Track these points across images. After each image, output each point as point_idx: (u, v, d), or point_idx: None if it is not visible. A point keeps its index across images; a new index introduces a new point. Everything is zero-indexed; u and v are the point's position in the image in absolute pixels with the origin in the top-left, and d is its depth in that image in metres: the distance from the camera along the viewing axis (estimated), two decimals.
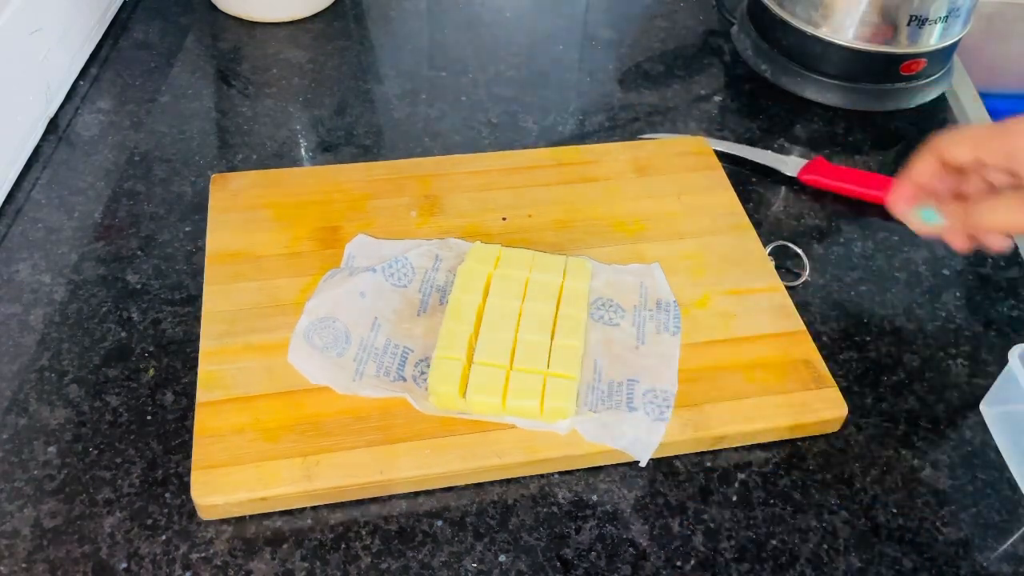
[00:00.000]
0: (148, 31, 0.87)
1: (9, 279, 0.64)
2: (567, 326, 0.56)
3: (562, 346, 0.55)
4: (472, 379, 0.53)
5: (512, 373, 0.53)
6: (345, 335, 0.57)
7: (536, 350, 0.55)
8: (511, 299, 0.57)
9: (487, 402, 0.53)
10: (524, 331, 0.56)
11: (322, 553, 0.51)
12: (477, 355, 0.54)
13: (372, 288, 0.59)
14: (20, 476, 0.53)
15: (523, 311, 0.57)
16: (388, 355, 0.56)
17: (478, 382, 0.53)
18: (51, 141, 0.74)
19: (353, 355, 0.56)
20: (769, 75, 0.84)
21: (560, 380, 0.54)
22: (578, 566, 0.51)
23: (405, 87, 0.82)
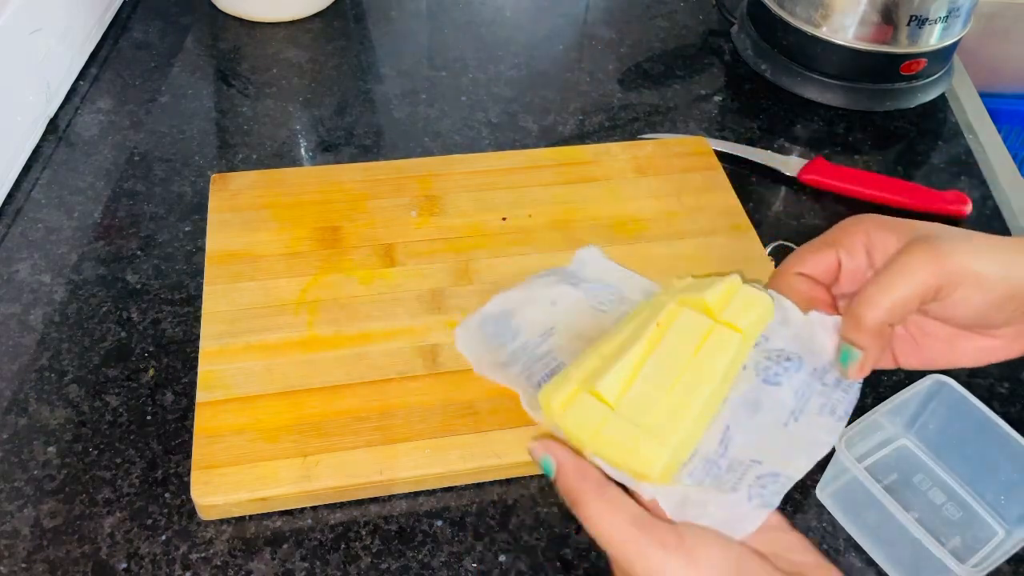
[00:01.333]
0: (148, 31, 0.87)
1: (9, 279, 0.64)
2: (697, 377, 0.43)
3: (678, 403, 0.42)
4: (574, 405, 0.44)
5: (611, 416, 0.43)
6: (514, 333, 0.53)
7: (649, 399, 0.42)
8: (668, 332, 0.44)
9: (576, 434, 0.44)
10: (648, 371, 0.43)
11: (322, 553, 0.51)
12: (592, 381, 0.44)
13: (569, 303, 0.53)
14: (20, 476, 0.53)
15: (658, 345, 0.44)
16: (541, 363, 0.50)
17: (576, 412, 0.44)
18: (51, 141, 0.74)
19: (510, 350, 0.53)
20: (769, 75, 0.84)
21: (656, 442, 0.41)
22: (578, 566, 0.51)
23: (405, 87, 0.82)
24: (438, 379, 0.57)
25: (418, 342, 0.58)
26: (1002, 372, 0.61)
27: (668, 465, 0.40)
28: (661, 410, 0.41)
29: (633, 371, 0.43)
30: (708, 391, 0.42)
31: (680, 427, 0.41)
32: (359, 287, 0.62)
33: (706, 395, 0.42)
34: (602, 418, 0.42)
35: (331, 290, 0.61)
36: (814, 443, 0.42)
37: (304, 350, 0.58)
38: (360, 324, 0.59)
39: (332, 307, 0.60)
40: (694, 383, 0.42)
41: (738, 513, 0.39)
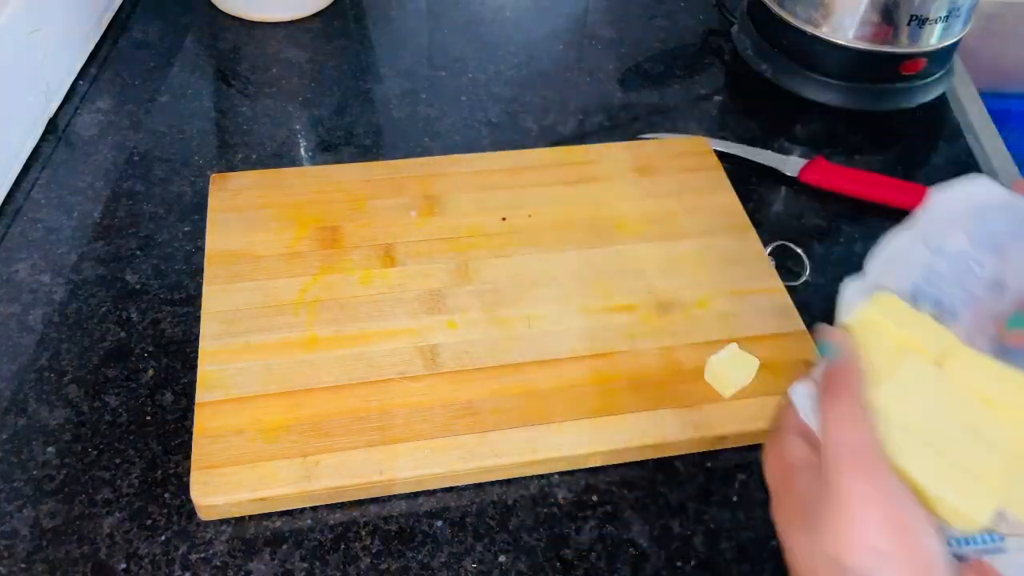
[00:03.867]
0: (147, 31, 0.87)
1: (8, 279, 0.64)
2: None
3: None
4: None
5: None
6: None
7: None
8: None
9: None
10: None
11: (322, 553, 0.51)
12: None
13: None
14: (19, 476, 0.53)
15: None
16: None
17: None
18: (50, 141, 0.74)
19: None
20: (769, 75, 0.83)
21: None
22: (578, 566, 0.51)
23: (405, 87, 0.82)
24: (438, 379, 0.57)
25: (418, 342, 0.58)
26: None
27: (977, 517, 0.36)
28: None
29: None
30: None
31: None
32: (359, 287, 0.62)
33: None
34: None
35: (331, 290, 0.61)
36: None
37: (304, 350, 0.58)
38: (360, 324, 0.59)
39: (332, 307, 0.60)
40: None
41: None
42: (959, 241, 0.42)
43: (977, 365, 0.38)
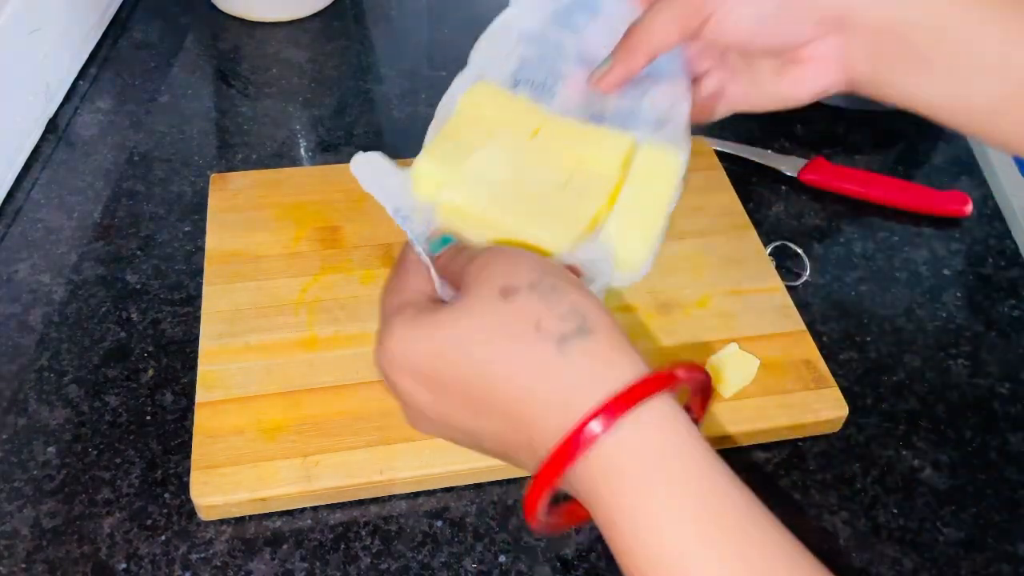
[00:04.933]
0: (148, 31, 0.87)
1: (8, 279, 0.64)
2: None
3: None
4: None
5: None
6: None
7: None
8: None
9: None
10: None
11: (322, 553, 0.51)
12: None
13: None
14: (19, 476, 0.53)
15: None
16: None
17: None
18: (50, 141, 0.74)
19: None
20: None
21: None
22: (578, 566, 0.51)
23: (405, 87, 0.82)
24: None
25: None
26: (1002, 372, 0.61)
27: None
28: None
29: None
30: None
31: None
32: (359, 287, 0.62)
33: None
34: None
35: (331, 290, 0.61)
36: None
37: (304, 350, 0.58)
38: (360, 324, 0.59)
39: (332, 307, 0.60)
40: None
41: None
42: (537, 25, 0.48)
43: (565, 130, 0.45)
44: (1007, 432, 0.58)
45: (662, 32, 0.42)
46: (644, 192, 0.44)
